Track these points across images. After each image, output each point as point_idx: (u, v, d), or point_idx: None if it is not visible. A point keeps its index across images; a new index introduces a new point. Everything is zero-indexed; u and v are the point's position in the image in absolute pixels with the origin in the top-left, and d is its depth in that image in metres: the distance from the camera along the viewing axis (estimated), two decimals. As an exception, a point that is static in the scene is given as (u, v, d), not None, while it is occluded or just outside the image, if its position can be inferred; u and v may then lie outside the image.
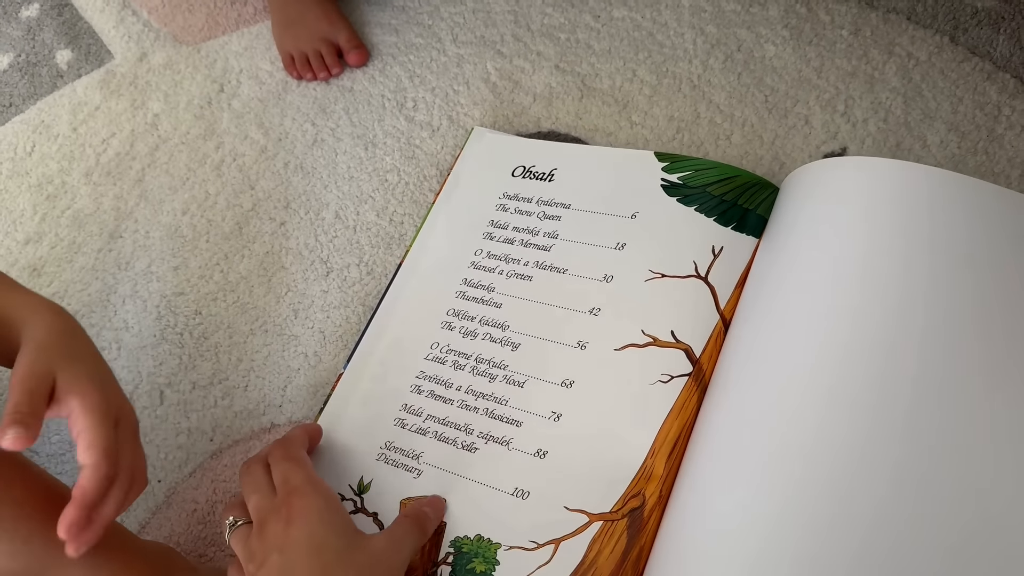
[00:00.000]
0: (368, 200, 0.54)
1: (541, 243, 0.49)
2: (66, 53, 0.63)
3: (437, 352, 0.47)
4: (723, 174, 0.48)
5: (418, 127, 0.57)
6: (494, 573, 0.39)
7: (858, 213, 0.40)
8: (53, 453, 0.48)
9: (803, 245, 0.41)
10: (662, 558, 0.37)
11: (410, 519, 0.40)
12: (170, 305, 0.52)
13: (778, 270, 0.41)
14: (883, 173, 0.41)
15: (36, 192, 0.57)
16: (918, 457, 0.33)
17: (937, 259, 0.37)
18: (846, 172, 0.42)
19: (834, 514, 0.32)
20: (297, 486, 0.38)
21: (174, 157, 0.57)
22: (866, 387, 0.35)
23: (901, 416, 0.34)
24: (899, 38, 0.55)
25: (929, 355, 0.35)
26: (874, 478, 0.33)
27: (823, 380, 0.36)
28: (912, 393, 0.34)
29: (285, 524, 0.36)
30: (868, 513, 0.32)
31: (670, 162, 0.49)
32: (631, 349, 0.43)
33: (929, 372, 0.35)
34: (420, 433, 0.44)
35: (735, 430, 0.37)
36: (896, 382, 0.34)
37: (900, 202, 0.40)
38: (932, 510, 0.32)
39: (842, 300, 0.38)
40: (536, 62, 0.58)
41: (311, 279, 0.52)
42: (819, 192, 0.43)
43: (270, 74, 0.60)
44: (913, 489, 0.32)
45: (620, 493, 0.39)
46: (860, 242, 0.39)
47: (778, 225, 0.44)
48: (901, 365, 0.35)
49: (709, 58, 0.56)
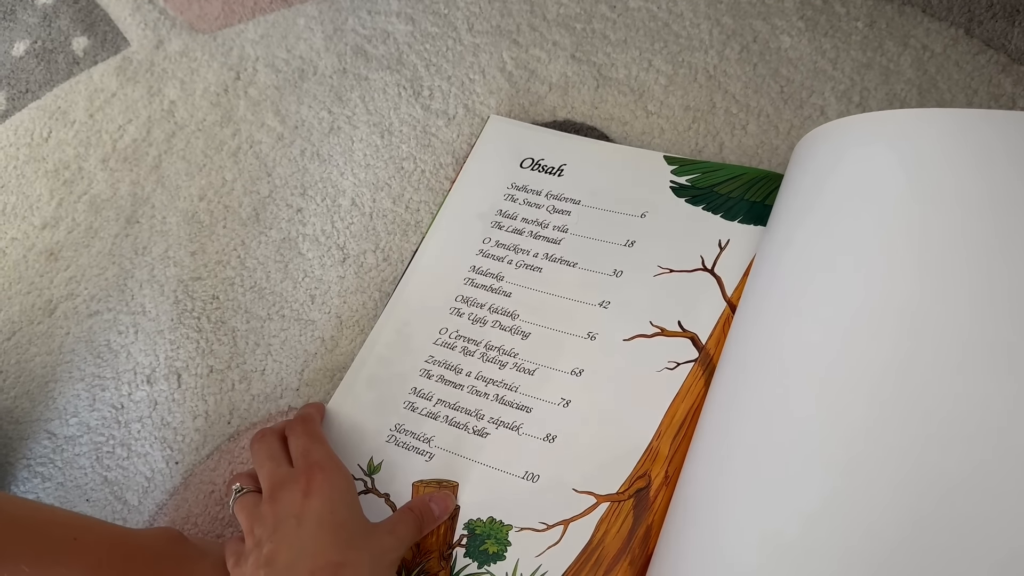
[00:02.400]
0: (384, 187, 0.55)
1: (551, 236, 0.50)
2: (82, 40, 0.64)
3: (446, 338, 0.48)
4: (730, 174, 0.49)
5: (434, 115, 0.57)
6: (506, 554, 0.40)
7: (879, 169, 0.39)
8: (71, 435, 0.48)
9: (813, 213, 0.41)
10: (672, 535, 0.37)
11: (414, 514, 0.40)
12: (187, 290, 0.52)
13: (786, 242, 0.41)
14: (889, 127, 0.40)
15: (53, 177, 0.57)
16: (936, 430, 0.33)
17: (979, 207, 0.35)
18: (855, 133, 0.42)
19: (838, 486, 0.32)
20: (319, 460, 0.38)
21: (191, 144, 0.58)
22: (877, 361, 0.34)
23: (916, 387, 0.34)
24: (914, 30, 0.55)
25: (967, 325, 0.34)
26: (879, 453, 0.33)
27: (831, 354, 0.35)
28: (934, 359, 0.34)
29: (304, 495, 0.36)
30: (874, 485, 0.32)
31: (679, 165, 0.51)
32: (639, 339, 0.45)
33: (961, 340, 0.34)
34: (431, 417, 0.45)
35: (742, 408, 0.38)
36: (914, 347, 0.34)
37: (922, 153, 0.38)
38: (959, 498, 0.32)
39: (869, 268, 0.37)
40: (552, 51, 0.58)
41: (328, 265, 0.52)
42: (827, 155, 0.42)
43: (286, 62, 0.60)
44: (930, 465, 0.32)
45: (626, 475, 0.41)
46: (891, 199, 0.38)
47: (785, 197, 0.44)
48: (923, 333, 0.35)
49: (725, 48, 0.56)
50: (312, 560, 0.34)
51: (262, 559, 0.35)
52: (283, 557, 0.34)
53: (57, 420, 0.49)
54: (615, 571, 0.39)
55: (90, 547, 0.37)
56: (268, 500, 0.37)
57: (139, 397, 0.49)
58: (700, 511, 0.36)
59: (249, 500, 0.39)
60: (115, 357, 0.50)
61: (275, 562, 0.34)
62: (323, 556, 0.35)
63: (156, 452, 0.47)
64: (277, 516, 0.36)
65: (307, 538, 0.35)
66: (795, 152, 0.45)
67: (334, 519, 0.36)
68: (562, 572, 0.39)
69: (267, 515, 0.37)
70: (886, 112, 0.41)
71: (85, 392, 0.49)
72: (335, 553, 0.35)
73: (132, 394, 0.49)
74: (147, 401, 0.49)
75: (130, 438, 0.48)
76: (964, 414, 0.32)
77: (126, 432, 0.48)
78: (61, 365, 0.50)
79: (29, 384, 0.50)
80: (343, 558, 0.35)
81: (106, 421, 0.48)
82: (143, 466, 0.47)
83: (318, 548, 0.35)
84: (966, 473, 0.31)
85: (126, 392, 0.49)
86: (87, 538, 0.38)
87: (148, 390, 0.49)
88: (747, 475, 0.35)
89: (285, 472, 0.38)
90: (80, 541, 0.37)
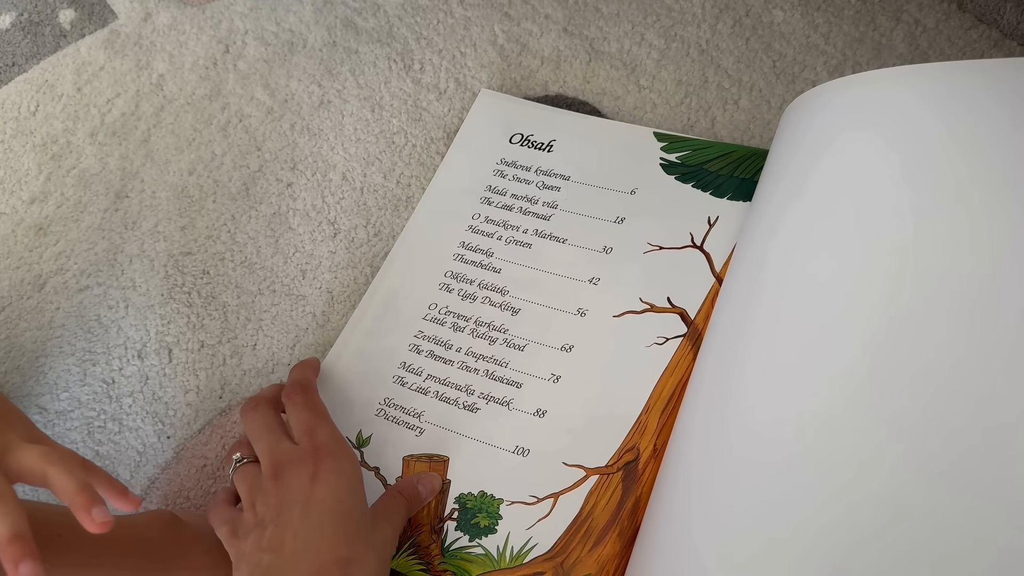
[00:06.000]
0: (375, 162, 0.54)
1: (540, 212, 0.50)
2: (69, 13, 0.63)
3: (436, 313, 0.48)
4: (720, 152, 0.49)
5: (425, 89, 0.57)
6: (497, 527, 0.41)
7: (862, 139, 0.39)
8: (62, 410, 0.48)
9: (796, 186, 0.41)
10: (659, 507, 0.38)
11: (403, 498, 0.40)
12: (178, 264, 0.52)
13: (769, 216, 0.41)
14: (869, 90, 0.40)
15: (41, 152, 0.57)
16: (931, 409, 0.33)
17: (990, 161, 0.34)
18: (835, 100, 0.42)
19: (824, 458, 0.33)
20: (325, 442, 0.37)
21: (180, 118, 0.57)
22: (862, 335, 0.35)
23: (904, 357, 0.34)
24: (907, 5, 0.55)
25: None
26: (865, 424, 0.33)
27: (814, 328, 0.36)
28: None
29: (311, 480, 0.35)
30: (862, 456, 0.32)
31: (669, 142, 0.50)
32: (629, 315, 0.45)
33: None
34: (421, 392, 0.45)
35: (727, 381, 0.38)
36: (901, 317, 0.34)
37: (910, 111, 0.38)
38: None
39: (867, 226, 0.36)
40: (544, 25, 0.58)
41: (318, 240, 0.52)
42: (810, 125, 0.42)
43: (275, 35, 0.60)
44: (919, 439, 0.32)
45: (615, 448, 0.41)
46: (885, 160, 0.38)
47: (770, 171, 0.44)
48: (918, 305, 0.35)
49: (717, 23, 0.56)
50: (318, 554, 0.33)
51: (265, 542, 0.34)
52: (289, 545, 0.33)
53: (48, 395, 0.49)
54: (604, 542, 0.39)
55: (74, 545, 0.35)
56: (271, 477, 0.36)
57: (130, 372, 0.49)
58: (686, 484, 0.37)
59: (250, 471, 0.37)
60: (105, 332, 0.50)
61: (280, 550, 0.33)
62: (330, 551, 0.34)
63: (148, 427, 0.48)
64: (281, 498, 0.35)
65: (314, 528, 0.34)
66: (780, 123, 0.46)
67: (341, 508, 0.35)
68: (552, 544, 0.40)
69: (270, 493, 0.35)
70: (865, 74, 0.41)
71: (76, 367, 0.49)
72: (343, 547, 0.34)
73: (123, 369, 0.49)
74: (138, 376, 0.49)
75: (121, 413, 0.48)
76: (954, 385, 0.32)
77: (117, 407, 0.48)
78: (51, 340, 0.50)
79: (19, 359, 0.50)
80: (351, 553, 0.34)
81: (97, 396, 0.48)
82: (135, 440, 0.47)
83: (324, 541, 0.34)
84: (958, 439, 0.31)
85: (117, 367, 0.49)
86: (71, 535, 0.35)
87: (139, 365, 0.49)
88: (731, 450, 0.35)
89: (289, 449, 0.37)
90: (63, 538, 0.35)
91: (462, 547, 0.41)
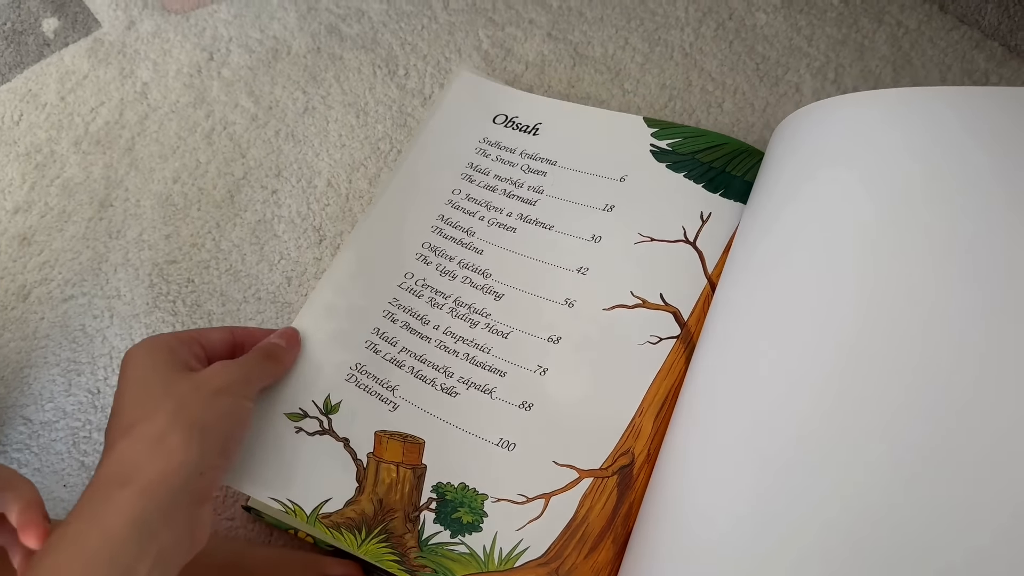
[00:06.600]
0: (360, 168, 0.54)
1: (525, 196, 0.49)
2: (52, 21, 0.63)
3: (412, 284, 0.47)
4: (712, 142, 0.48)
5: (409, 95, 0.57)
6: (482, 525, 0.39)
7: (861, 152, 0.39)
8: (47, 421, 0.48)
9: (793, 200, 0.41)
10: (651, 513, 0.38)
11: (260, 351, 0.41)
12: (162, 273, 0.52)
13: (765, 226, 0.42)
14: (871, 108, 0.40)
15: (24, 161, 0.57)
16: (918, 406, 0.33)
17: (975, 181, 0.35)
18: (836, 114, 0.42)
19: (816, 466, 0.33)
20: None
21: (164, 126, 0.57)
22: (855, 346, 0.35)
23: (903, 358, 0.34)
24: (889, 7, 0.55)
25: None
26: (857, 429, 0.33)
27: (809, 337, 0.36)
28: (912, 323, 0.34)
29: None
30: (853, 459, 0.32)
31: (659, 128, 0.49)
32: (620, 310, 0.44)
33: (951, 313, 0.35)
34: (395, 364, 0.44)
35: (721, 389, 0.38)
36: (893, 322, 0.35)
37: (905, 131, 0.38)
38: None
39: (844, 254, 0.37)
40: (528, 30, 0.58)
41: (304, 247, 0.52)
42: (805, 141, 0.42)
43: (260, 42, 0.60)
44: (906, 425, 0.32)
45: (609, 451, 0.40)
46: (868, 182, 0.38)
47: (764, 181, 0.44)
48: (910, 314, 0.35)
49: (701, 26, 0.56)
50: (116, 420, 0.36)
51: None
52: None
53: (32, 406, 0.48)
54: (600, 548, 0.38)
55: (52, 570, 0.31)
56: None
57: (115, 382, 0.49)
58: (677, 493, 0.37)
59: None
60: (90, 342, 0.50)
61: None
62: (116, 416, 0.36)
63: (133, 436, 0.47)
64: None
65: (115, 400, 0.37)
66: (775, 134, 0.45)
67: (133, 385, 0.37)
68: (546, 548, 0.38)
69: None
70: (865, 93, 0.41)
71: (61, 377, 0.49)
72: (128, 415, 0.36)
73: (108, 379, 0.49)
74: (123, 385, 0.48)
75: (107, 423, 0.48)
76: (943, 388, 0.32)
77: (103, 417, 0.48)
78: (36, 350, 0.50)
79: (4, 370, 0.49)
80: (140, 415, 0.35)
81: (82, 406, 0.48)
82: (120, 450, 0.47)
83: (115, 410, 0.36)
84: (947, 437, 0.31)
85: (102, 376, 0.49)
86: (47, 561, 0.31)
87: (124, 374, 0.49)
88: (723, 461, 0.35)
89: None
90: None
91: (443, 543, 0.39)
